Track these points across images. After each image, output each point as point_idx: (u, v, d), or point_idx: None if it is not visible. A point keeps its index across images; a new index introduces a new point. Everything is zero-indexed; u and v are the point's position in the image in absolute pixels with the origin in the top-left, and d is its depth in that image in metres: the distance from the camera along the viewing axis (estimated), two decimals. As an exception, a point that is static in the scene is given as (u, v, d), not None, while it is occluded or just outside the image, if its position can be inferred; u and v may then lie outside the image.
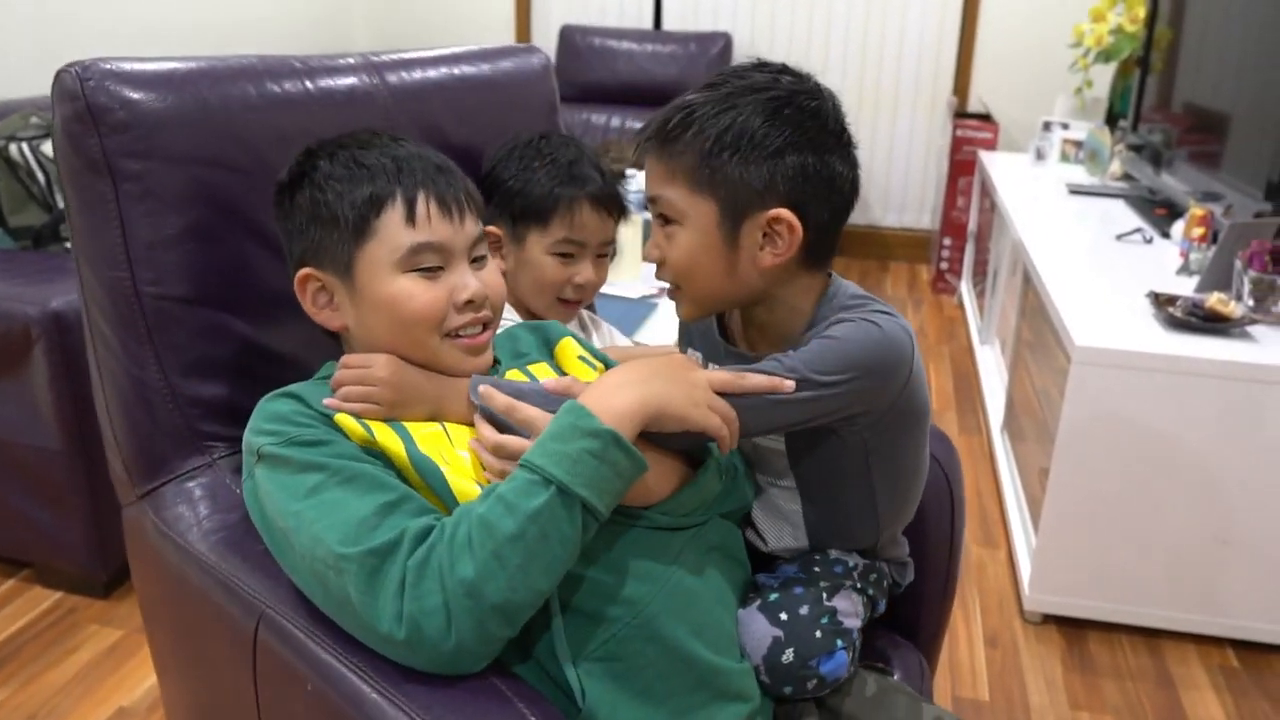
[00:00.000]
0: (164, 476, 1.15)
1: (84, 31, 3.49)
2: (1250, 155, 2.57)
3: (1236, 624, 2.14)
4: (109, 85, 1.07)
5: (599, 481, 0.89)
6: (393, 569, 0.86)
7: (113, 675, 1.97)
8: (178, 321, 1.13)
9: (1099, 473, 2.08)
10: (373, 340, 1.06)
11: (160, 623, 1.25)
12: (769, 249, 1.00)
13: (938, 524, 1.35)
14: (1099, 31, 3.93)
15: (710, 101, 0.98)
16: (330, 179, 1.03)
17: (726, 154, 0.97)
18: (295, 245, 1.06)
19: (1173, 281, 2.39)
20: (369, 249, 1.02)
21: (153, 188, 1.10)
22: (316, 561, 0.90)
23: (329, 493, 0.92)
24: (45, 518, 2.13)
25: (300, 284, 1.06)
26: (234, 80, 1.18)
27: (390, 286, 1.02)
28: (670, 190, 1.01)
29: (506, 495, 0.88)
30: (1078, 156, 3.87)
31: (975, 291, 4.13)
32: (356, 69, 1.29)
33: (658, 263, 1.05)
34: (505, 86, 1.46)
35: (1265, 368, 1.95)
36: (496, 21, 5.21)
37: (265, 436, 0.97)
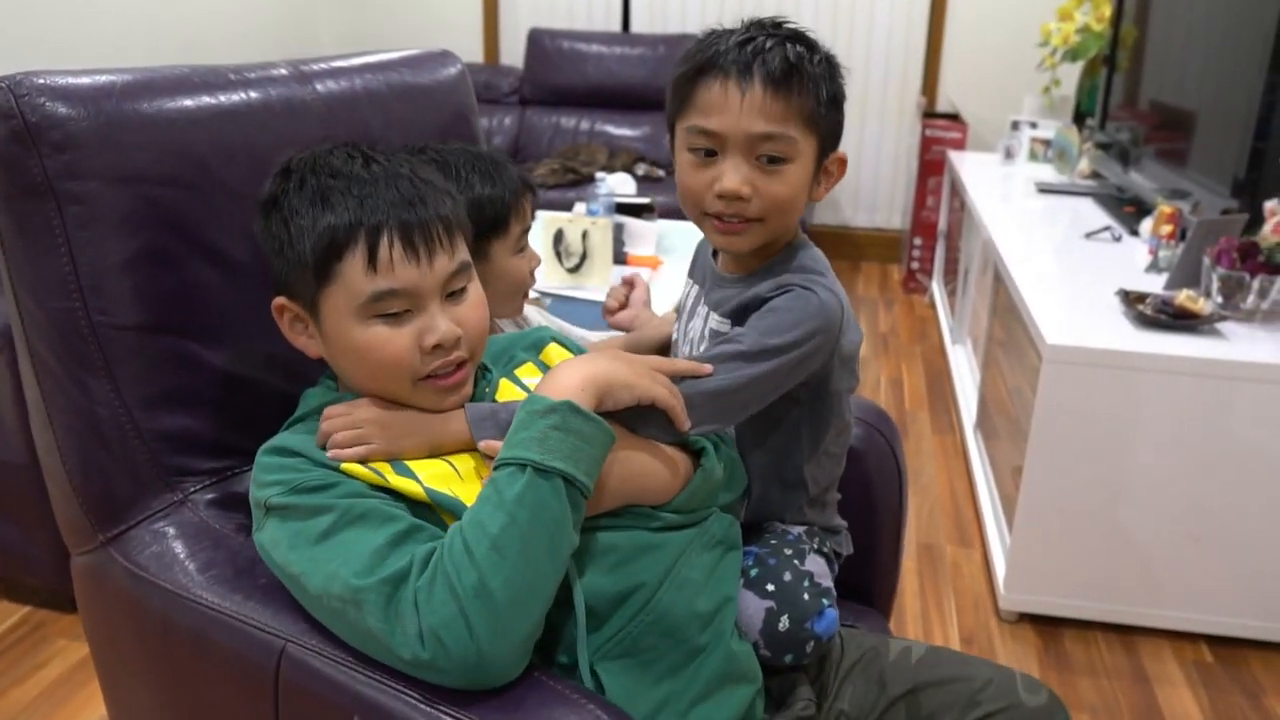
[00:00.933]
0: (132, 518, 1.07)
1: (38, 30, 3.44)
2: (1217, 152, 2.59)
3: (1210, 619, 2.15)
4: (45, 102, 0.99)
5: (571, 452, 0.90)
6: (406, 592, 0.86)
7: (82, 690, 1.94)
8: (135, 352, 1.05)
9: (1072, 471, 2.09)
10: (349, 374, 1.03)
11: (133, 677, 1.15)
12: (824, 184, 1.16)
13: (884, 491, 1.47)
14: (1066, 31, 3.95)
15: (816, 54, 1.10)
16: (295, 213, 0.97)
17: (832, 100, 1.10)
18: (272, 268, 1.02)
19: (1142, 279, 2.40)
20: (331, 293, 0.97)
21: (100, 211, 1.02)
22: (334, 599, 0.89)
23: (341, 533, 0.91)
24: (11, 532, 2.09)
25: (277, 310, 1.03)
26: (173, 93, 1.10)
27: (354, 334, 0.97)
28: (792, 129, 1.08)
29: (490, 493, 0.89)
30: (1046, 155, 3.89)
31: (946, 291, 4.14)
32: (289, 79, 1.23)
33: (745, 199, 1.09)
34: (428, 92, 1.43)
35: (1234, 364, 1.96)
36: (464, 25, 5.18)
37: (270, 489, 0.95)
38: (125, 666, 1.15)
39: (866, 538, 1.41)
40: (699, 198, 1.12)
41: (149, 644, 1.09)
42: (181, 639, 1.02)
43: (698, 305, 1.25)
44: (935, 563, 2.46)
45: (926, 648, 1.21)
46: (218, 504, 1.10)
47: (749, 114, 1.06)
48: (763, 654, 1.09)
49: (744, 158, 1.08)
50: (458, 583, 0.84)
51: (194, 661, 1.03)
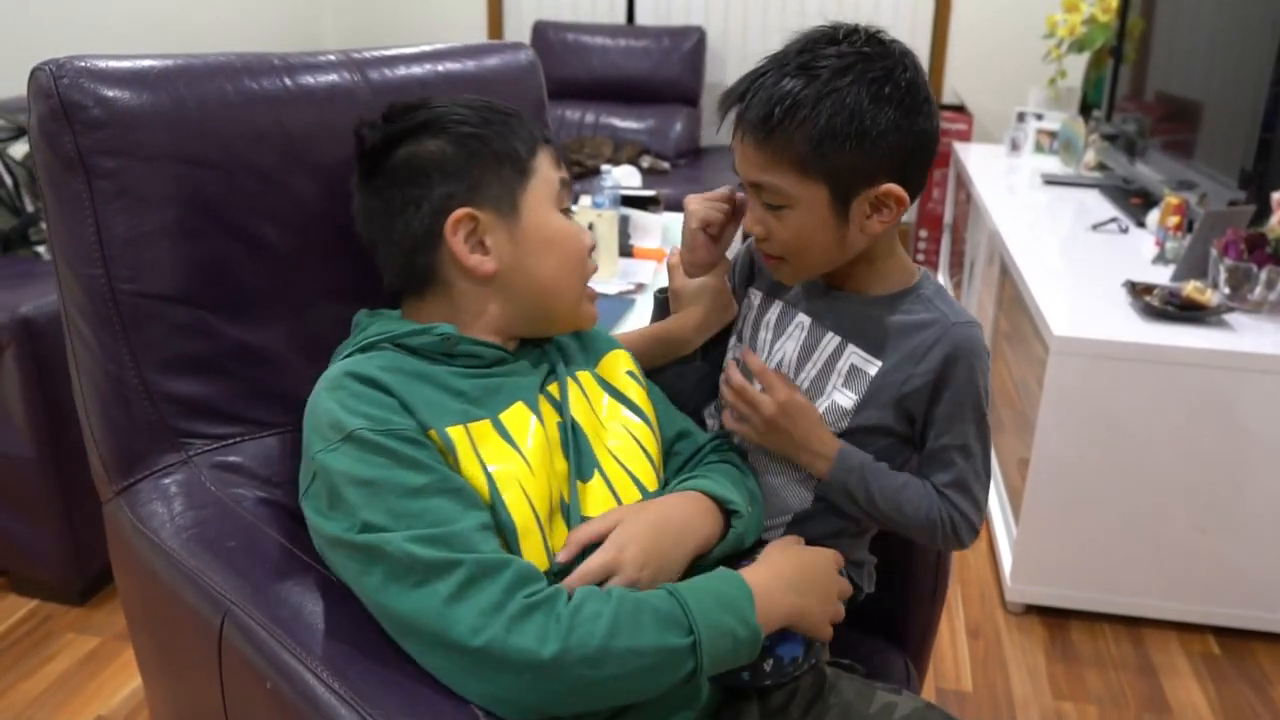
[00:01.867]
0: (140, 473, 1.13)
1: (50, 33, 3.44)
2: (1224, 144, 2.59)
3: (1217, 611, 2.15)
4: (83, 83, 1.06)
5: (720, 661, 0.93)
6: (492, 587, 0.86)
7: (90, 683, 1.94)
8: (154, 319, 1.11)
9: (1078, 462, 2.09)
10: (528, 283, 1.05)
11: (138, 622, 1.24)
12: (877, 218, 1.05)
13: None
14: (1072, 22, 3.94)
15: (810, 89, 0.99)
16: (486, 121, 1.05)
17: (836, 141, 0.99)
18: (435, 190, 1.02)
19: (1149, 270, 2.40)
20: (533, 186, 1.05)
21: (128, 185, 1.08)
22: (396, 553, 0.87)
23: (433, 498, 0.90)
24: (19, 526, 2.10)
25: (454, 226, 1.02)
26: (210, 78, 1.16)
27: (556, 222, 1.06)
28: (776, 178, 1.03)
29: (651, 613, 0.89)
30: (1052, 147, 3.88)
31: (952, 283, 4.14)
32: (338, 65, 1.27)
33: (762, 238, 1.09)
34: (491, 84, 1.44)
35: (1242, 355, 1.96)
36: (469, 18, 5.17)
37: (357, 418, 0.92)
38: (131, 610, 1.25)
39: (902, 571, 1.36)
40: None
41: (144, 591, 1.16)
42: (161, 590, 1.08)
43: (790, 324, 1.17)
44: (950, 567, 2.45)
45: (915, 705, 1.11)
46: (220, 467, 1.15)
47: (743, 162, 1.06)
48: None
49: (753, 198, 1.08)
50: (573, 641, 0.85)
51: (169, 612, 1.10)
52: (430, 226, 1.02)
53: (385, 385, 0.95)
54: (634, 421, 1.13)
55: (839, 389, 1.11)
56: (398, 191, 1.03)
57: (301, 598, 0.98)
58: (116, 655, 2.02)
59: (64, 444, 2.02)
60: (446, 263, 1.03)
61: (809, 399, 1.12)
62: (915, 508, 1.11)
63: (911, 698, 1.12)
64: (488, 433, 0.99)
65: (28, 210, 2.38)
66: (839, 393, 1.11)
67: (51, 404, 1.99)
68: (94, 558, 2.15)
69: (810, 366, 1.13)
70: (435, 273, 1.04)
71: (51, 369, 1.98)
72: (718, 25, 4.91)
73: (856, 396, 1.10)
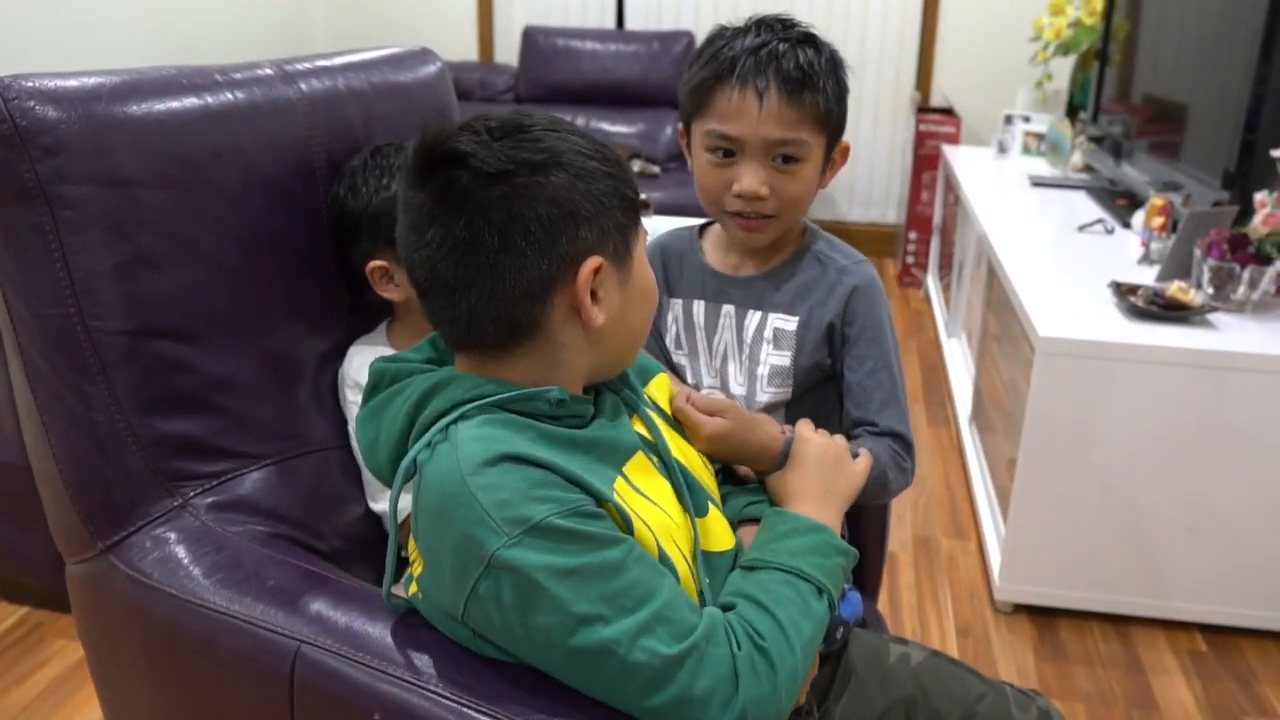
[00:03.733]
0: (132, 525, 1.05)
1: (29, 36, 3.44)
2: (1208, 145, 2.60)
3: (1204, 608, 2.16)
4: (35, 105, 0.97)
5: (838, 583, 1.00)
6: (718, 652, 0.85)
7: (81, 690, 1.94)
8: (133, 357, 1.04)
9: (1066, 462, 2.10)
10: (624, 334, 0.97)
11: (134, 685, 1.13)
12: (830, 172, 1.24)
13: None
14: (1058, 25, 3.96)
15: (822, 55, 1.18)
16: (605, 158, 0.92)
17: (840, 97, 1.19)
18: (569, 233, 0.88)
19: (1134, 271, 2.41)
20: (639, 231, 0.97)
21: (92, 214, 1.00)
22: (639, 657, 0.82)
23: (632, 571, 0.84)
24: (9, 532, 2.10)
25: (589, 277, 0.89)
26: (162, 94, 1.08)
27: (649, 271, 1.00)
28: (803, 133, 1.17)
29: (796, 599, 0.93)
30: (1039, 149, 3.90)
31: (941, 285, 4.15)
32: (274, 79, 1.21)
33: (763, 198, 1.19)
34: (408, 90, 1.43)
35: (1225, 354, 1.97)
36: (458, 23, 5.19)
37: (542, 505, 0.82)
38: (126, 674, 1.13)
39: (851, 524, 1.39)
40: (718, 196, 1.21)
41: (152, 651, 1.07)
42: (189, 644, 1.01)
43: (718, 320, 1.30)
44: (931, 555, 2.47)
45: (925, 653, 1.21)
46: (218, 507, 1.09)
47: (767, 121, 1.15)
48: None
49: (761, 161, 1.17)
50: (780, 665, 0.87)
51: (203, 667, 1.02)
52: (555, 274, 0.88)
53: (546, 463, 0.85)
54: (685, 443, 1.13)
55: (772, 353, 1.28)
56: (510, 232, 0.86)
57: (365, 624, 0.95)
58: (108, 661, 2.02)
59: (54, 450, 2.02)
60: (557, 315, 0.90)
61: (753, 367, 1.27)
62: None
63: (919, 646, 1.22)
64: (628, 490, 0.94)
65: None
66: (774, 355, 1.27)
67: (42, 410, 1.99)
68: (85, 564, 2.15)
69: (747, 345, 1.29)
70: (541, 325, 0.90)
71: (41, 375, 1.97)
72: (707, 29, 4.89)
73: (790, 352, 1.27)
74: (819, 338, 1.27)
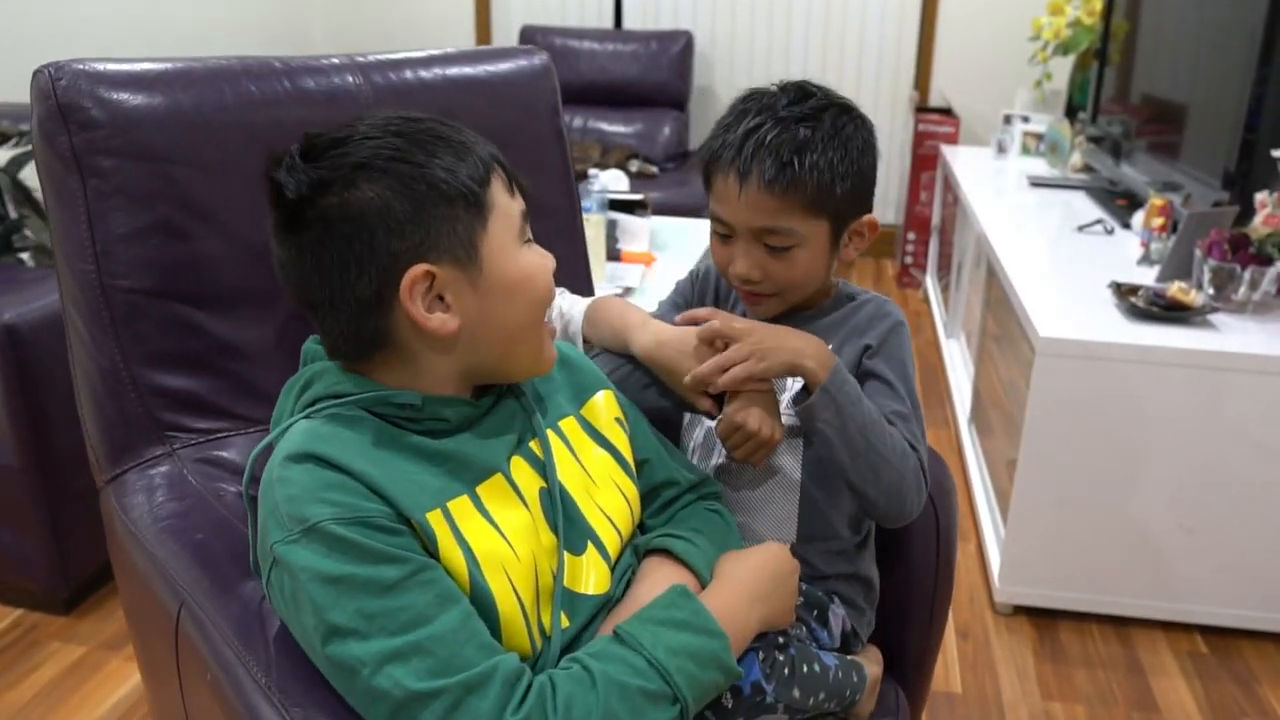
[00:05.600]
0: (127, 464, 1.16)
1: (32, 37, 3.43)
2: (1207, 145, 2.60)
3: (1204, 610, 2.15)
4: (80, 85, 1.10)
5: (705, 701, 0.91)
6: (480, 705, 0.79)
7: (76, 693, 1.93)
8: (142, 314, 1.14)
9: (1066, 463, 2.09)
10: (495, 333, 0.93)
11: (129, 612, 1.26)
12: (853, 246, 1.18)
13: (923, 544, 1.32)
14: (1057, 24, 3.95)
15: (818, 134, 1.10)
16: (428, 154, 0.88)
17: (840, 185, 1.11)
18: (382, 247, 0.86)
19: (1134, 271, 2.40)
20: (492, 226, 0.90)
21: (120, 184, 1.12)
22: (381, 682, 0.79)
23: (407, 595, 0.81)
24: (4, 535, 2.09)
25: (410, 288, 0.87)
26: (208, 81, 1.19)
27: (521, 261, 0.93)
28: (787, 221, 1.11)
29: (635, 694, 0.85)
30: (1039, 149, 3.90)
31: (940, 285, 4.14)
32: (341, 69, 1.29)
33: (755, 281, 1.14)
34: (498, 88, 1.45)
35: (1226, 355, 1.97)
36: (456, 23, 5.18)
37: (321, 507, 0.82)
38: (124, 600, 1.26)
39: (897, 598, 1.31)
40: (724, 270, 1.18)
41: (127, 580, 1.18)
42: (136, 580, 1.10)
43: None
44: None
45: None
46: (205, 461, 1.17)
47: (748, 209, 1.11)
48: None
49: (751, 244, 1.13)
50: None
51: (142, 603, 1.12)
52: (380, 290, 0.87)
53: (351, 470, 0.84)
54: (622, 476, 1.07)
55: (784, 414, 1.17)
56: (333, 251, 0.86)
57: (256, 595, 0.97)
58: (103, 664, 2.01)
59: (49, 452, 2.01)
60: (402, 325, 0.89)
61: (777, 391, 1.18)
62: (896, 441, 1.11)
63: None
64: (468, 510, 0.90)
65: (10, 217, 2.37)
66: (786, 417, 1.17)
67: (36, 412, 1.98)
68: (80, 566, 2.14)
69: (778, 381, 1.18)
70: (389, 337, 0.90)
71: (36, 377, 1.97)
72: (705, 29, 4.91)
73: None
74: (852, 368, 1.16)
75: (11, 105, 2.88)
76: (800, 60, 4.85)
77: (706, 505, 1.14)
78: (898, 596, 1.32)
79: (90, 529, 2.14)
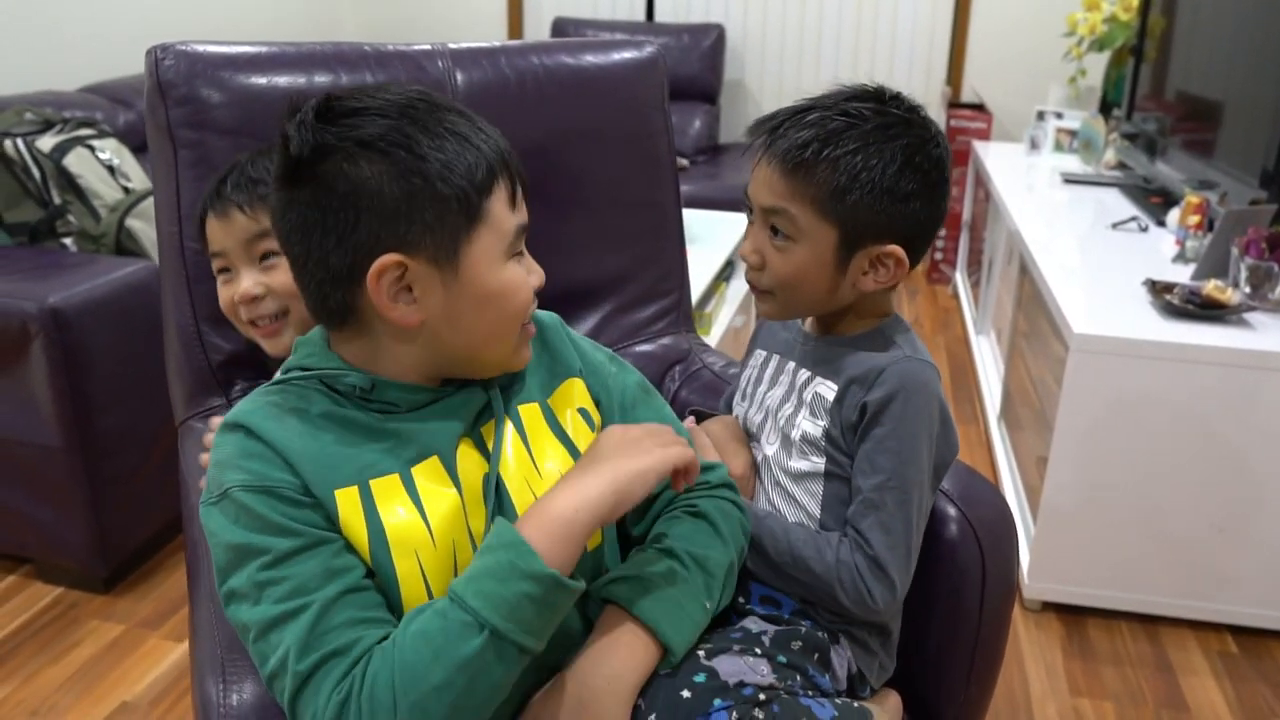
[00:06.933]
0: (192, 409, 1.30)
1: (56, 29, 3.47)
2: (1245, 143, 2.58)
3: (1235, 610, 2.15)
4: (180, 65, 1.23)
5: (537, 625, 0.83)
6: (324, 683, 0.81)
7: (114, 670, 1.97)
8: (210, 277, 1.22)
9: (1097, 460, 2.09)
10: (458, 335, 0.92)
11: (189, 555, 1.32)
12: (873, 275, 1.06)
13: (967, 590, 1.19)
14: (1093, 20, 3.93)
15: (851, 135, 1.01)
16: (438, 145, 0.86)
17: (859, 191, 1.01)
18: (364, 225, 0.86)
19: (1169, 269, 2.39)
20: (480, 236, 0.88)
21: (205, 156, 1.23)
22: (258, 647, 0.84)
23: (295, 567, 0.83)
24: (45, 514, 2.13)
25: (378, 274, 0.86)
26: (299, 64, 1.29)
27: (502, 275, 0.91)
28: (795, 209, 1.03)
29: (435, 635, 0.81)
30: (1072, 146, 3.88)
31: (970, 282, 4.13)
32: (432, 56, 1.35)
33: (755, 266, 1.08)
34: (602, 81, 1.47)
35: (1262, 354, 1.96)
36: (488, 13, 5.19)
37: (236, 473, 0.86)
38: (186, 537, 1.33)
39: (933, 640, 1.21)
40: None
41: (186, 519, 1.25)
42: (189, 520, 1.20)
43: (779, 374, 1.17)
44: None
45: None
46: None
47: (760, 184, 1.06)
48: None
49: (761, 224, 1.07)
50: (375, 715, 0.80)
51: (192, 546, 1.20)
52: (351, 265, 0.87)
53: (270, 441, 0.87)
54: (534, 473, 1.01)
55: (806, 418, 1.10)
56: (319, 214, 0.86)
57: None
58: (141, 642, 2.04)
59: (91, 433, 2.05)
60: (368, 305, 0.89)
61: (788, 429, 1.11)
62: (809, 545, 1.05)
63: None
64: (393, 489, 0.90)
65: (54, 203, 2.40)
66: (806, 421, 1.10)
67: (79, 393, 2.01)
68: (119, 546, 2.18)
69: (786, 403, 1.13)
70: (352, 311, 0.90)
71: (79, 359, 2.00)
72: (737, 22, 4.91)
73: (824, 423, 1.09)
74: (853, 419, 1.07)
75: (55, 93, 2.93)
76: (832, 54, 4.84)
77: (685, 507, 1.05)
78: (935, 644, 1.21)
79: (129, 509, 2.18)
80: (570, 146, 1.50)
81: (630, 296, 1.63)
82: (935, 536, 1.18)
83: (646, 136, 1.58)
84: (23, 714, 1.85)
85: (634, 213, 1.61)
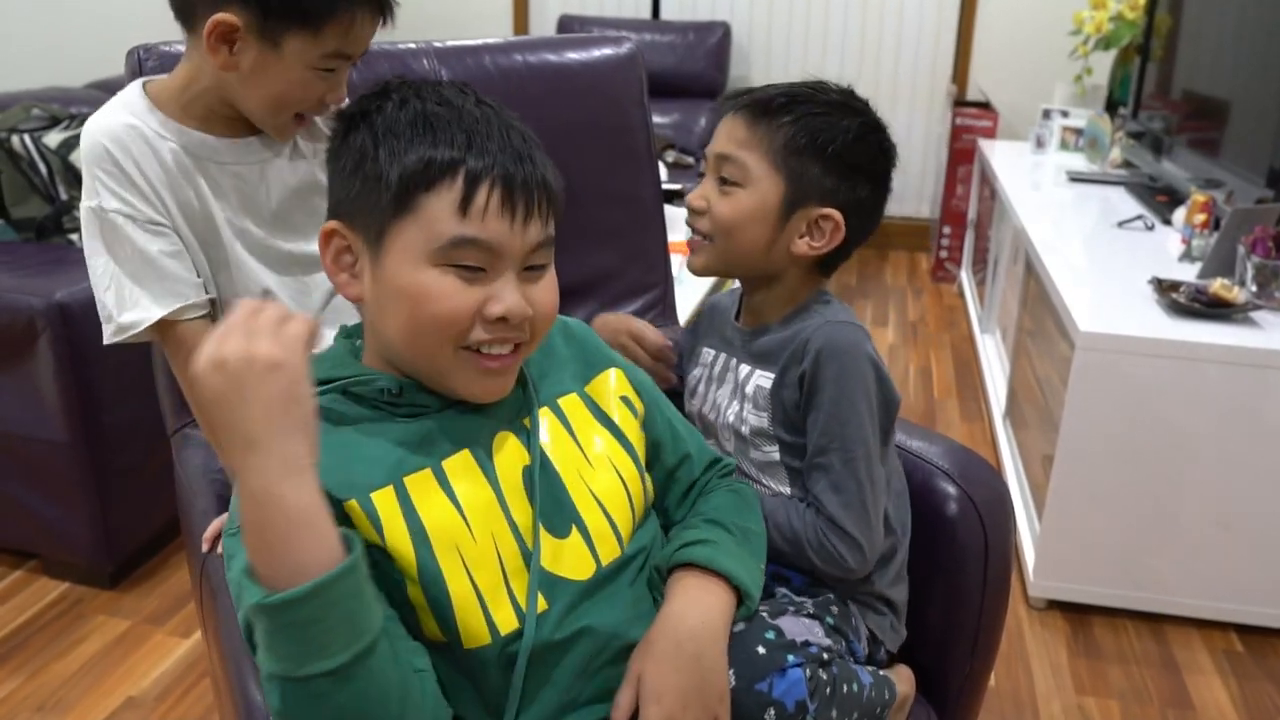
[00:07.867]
0: (184, 419, 1.31)
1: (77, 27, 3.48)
2: (1251, 141, 2.58)
3: (1240, 608, 2.15)
4: (164, 66, 1.28)
5: (298, 649, 0.77)
6: None
7: (120, 665, 1.97)
8: None
9: (1102, 459, 2.09)
10: (387, 329, 0.90)
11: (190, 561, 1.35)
12: (808, 240, 1.12)
13: (971, 563, 1.22)
14: (1099, 19, 3.93)
15: (814, 101, 1.10)
16: (390, 133, 0.87)
17: (813, 150, 1.09)
18: (334, 190, 0.92)
19: (1175, 268, 2.39)
20: (404, 226, 0.86)
21: None
22: None
23: None
24: (52, 510, 2.13)
25: (325, 236, 0.91)
26: None
27: (416, 276, 0.86)
28: (748, 156, 1.10)
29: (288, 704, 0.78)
30: (1078, 144, 3.87)
31: (975, 280, 4.13)
32: (417, 55, 1.35)
33: (699, 211, 1.14)
34: (583, 76, 1.48)
35: (1268, 353, 1.96)
36: (495, 11, 5.19)
37: None
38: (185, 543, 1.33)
39: (939, 619, 1.24)
40: None
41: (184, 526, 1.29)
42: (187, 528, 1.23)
43: (725, 371, 1.21)
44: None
45: None
46: None
47: (722, 135, 1.13)
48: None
49: (711, 174, 1.14)
50: None
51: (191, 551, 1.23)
52: (331, 215, 0.93)
53: None
54: (623, 457, 1.03)
55: (751, 412, 1.15)
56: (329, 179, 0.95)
57: None
58: (147, 638, 2.05)
59: (97, 428, 2.05)
60: None
61: (738, 425, 1.16)
62: (779, 512, 1.10)
63: None
64: (428, 484, 0.90)
65: (61, 199, 2.41)
66: (752, 415, 1.15)
67: (85, 389, 2.02)
68: (125, 542, 2.18)
69: (734, 400, 1.18)
70: None
71: (85, 354, 2.00)
72: (743, 20, 4.91)
73: (767, 413, 1.14)
74: (792, 400, 1.11)
75: (62, 89, 2.93)
76: (838, 52, 4.84)
77: (726, 485, 1.11)
78: (940, 618, 1.24)
79: (135, 505, 2.18)
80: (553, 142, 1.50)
81: (617, 291, 1.65)
82: (937, 515, 1.23)
83: (626, 131, 1.59)
84: (29, 709, 1.86)
85: (616, 207, 1.64)
